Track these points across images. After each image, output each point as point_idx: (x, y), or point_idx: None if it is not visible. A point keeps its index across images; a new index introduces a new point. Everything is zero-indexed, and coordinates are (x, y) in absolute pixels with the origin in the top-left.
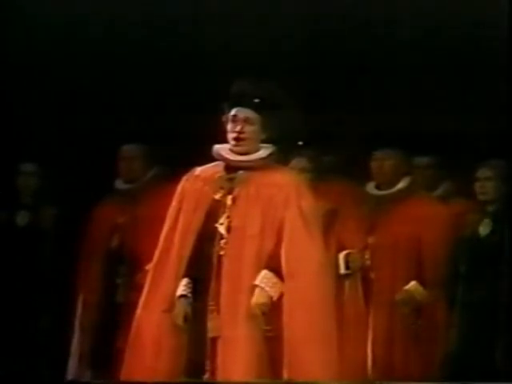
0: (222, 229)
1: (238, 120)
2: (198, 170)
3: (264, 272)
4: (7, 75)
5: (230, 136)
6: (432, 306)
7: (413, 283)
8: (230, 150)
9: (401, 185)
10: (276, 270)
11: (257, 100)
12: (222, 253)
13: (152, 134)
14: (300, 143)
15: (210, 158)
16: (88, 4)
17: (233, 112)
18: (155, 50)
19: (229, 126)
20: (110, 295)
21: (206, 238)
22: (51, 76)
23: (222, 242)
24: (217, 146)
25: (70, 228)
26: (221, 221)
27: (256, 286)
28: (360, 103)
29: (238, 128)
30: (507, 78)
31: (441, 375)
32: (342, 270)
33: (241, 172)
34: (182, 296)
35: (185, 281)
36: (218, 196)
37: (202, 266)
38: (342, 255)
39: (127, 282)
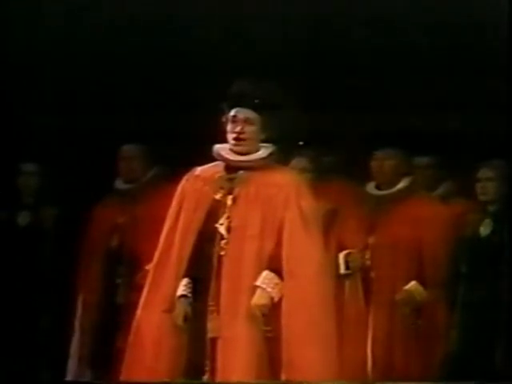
0: (222, 229)
1: (238, 120)
2: (198, 169)
3: (265, 273)
4: (7, 75)
5: (230, 136)
6: (432, 306)
7: (413, 283)
8: (230, 150)
9: (401, 185)
10: (277, 271)
11: (257, 100)
12: (222, 253)
13: (152, 134)
14: (300, 143)
15: (210, 158)
16: (88, 4)
17: (233, 112)
18: (155, 49)
19: (229, 127)
20: (109, 295)
21: (206, 238)
22: (51, 76)
23: (223, 242)
24: (217, 146)
25: (70, 228)
26: (221, 221)
27: (257, 286)
28: (360, 103)
29: (238, 128)
30: (507, 78)
31: (441, 375)
32: (342, 270)
33: (241, 172)
34: (182, 296)
35: (185, 281)
36: (218, 196)
37: (202, 266)
38: (342, 255)
39: (127, 282)
